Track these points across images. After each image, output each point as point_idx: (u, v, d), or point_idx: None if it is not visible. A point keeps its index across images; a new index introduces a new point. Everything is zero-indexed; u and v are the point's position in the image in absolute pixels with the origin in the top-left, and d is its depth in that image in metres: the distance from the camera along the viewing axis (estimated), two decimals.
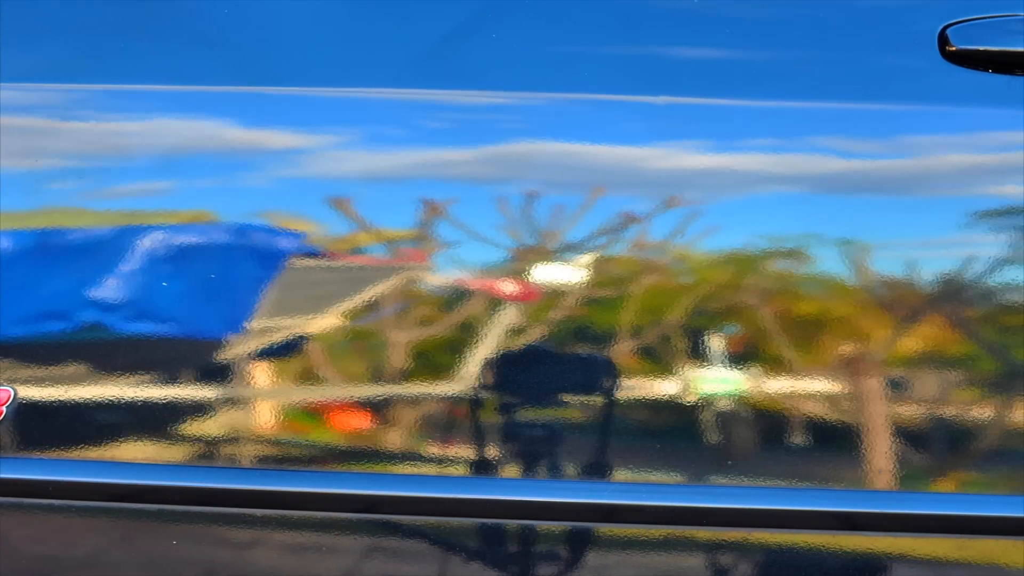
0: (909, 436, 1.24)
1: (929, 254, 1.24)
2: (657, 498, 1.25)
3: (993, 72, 1.26)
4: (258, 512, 1.27)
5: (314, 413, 1.27)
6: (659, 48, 1.29)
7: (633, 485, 1.25)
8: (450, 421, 1.26)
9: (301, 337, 1.26)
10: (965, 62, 1.26)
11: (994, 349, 1.25)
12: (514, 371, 1.25)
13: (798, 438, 1.24)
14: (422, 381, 1.25)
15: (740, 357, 1.24)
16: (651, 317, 1.25)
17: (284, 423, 1.28)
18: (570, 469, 1.26)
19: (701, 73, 1.27)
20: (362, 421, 1.27)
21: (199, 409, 1.26)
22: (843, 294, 1.24)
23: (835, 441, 1.24)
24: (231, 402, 1.27)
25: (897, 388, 1.24)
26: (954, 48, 1.26)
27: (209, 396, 1.26)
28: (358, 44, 1.29)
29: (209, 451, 1.27)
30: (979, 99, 1.26)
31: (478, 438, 1.26)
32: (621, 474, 1.25)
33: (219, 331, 1.26)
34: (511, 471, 1.26)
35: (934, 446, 1.26)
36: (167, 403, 1.26)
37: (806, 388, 1.24)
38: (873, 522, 1.25)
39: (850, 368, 1.24)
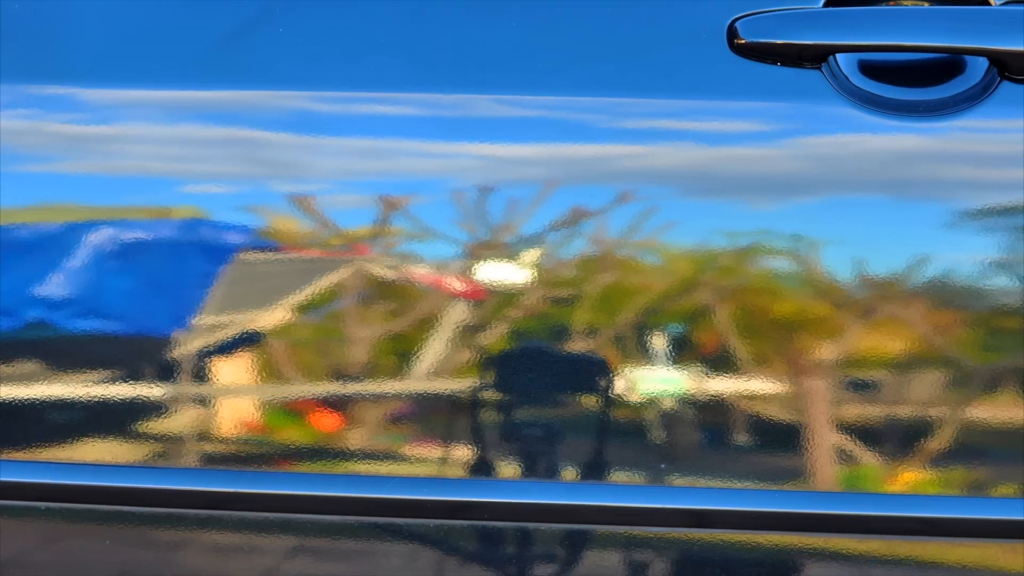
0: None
1: (722, 251, 1.25)
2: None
3: (781, 65, 1.26)
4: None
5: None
6: (447, 44, 1.28)
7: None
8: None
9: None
10: (753, 55, 1.26)
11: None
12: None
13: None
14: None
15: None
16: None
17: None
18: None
19: (487, 69, 1.27)
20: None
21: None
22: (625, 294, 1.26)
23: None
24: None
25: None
26: (743, 41, 1.26)
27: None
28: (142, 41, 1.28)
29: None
30: (768, 92, 1.26)
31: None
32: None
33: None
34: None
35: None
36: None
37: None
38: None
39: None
